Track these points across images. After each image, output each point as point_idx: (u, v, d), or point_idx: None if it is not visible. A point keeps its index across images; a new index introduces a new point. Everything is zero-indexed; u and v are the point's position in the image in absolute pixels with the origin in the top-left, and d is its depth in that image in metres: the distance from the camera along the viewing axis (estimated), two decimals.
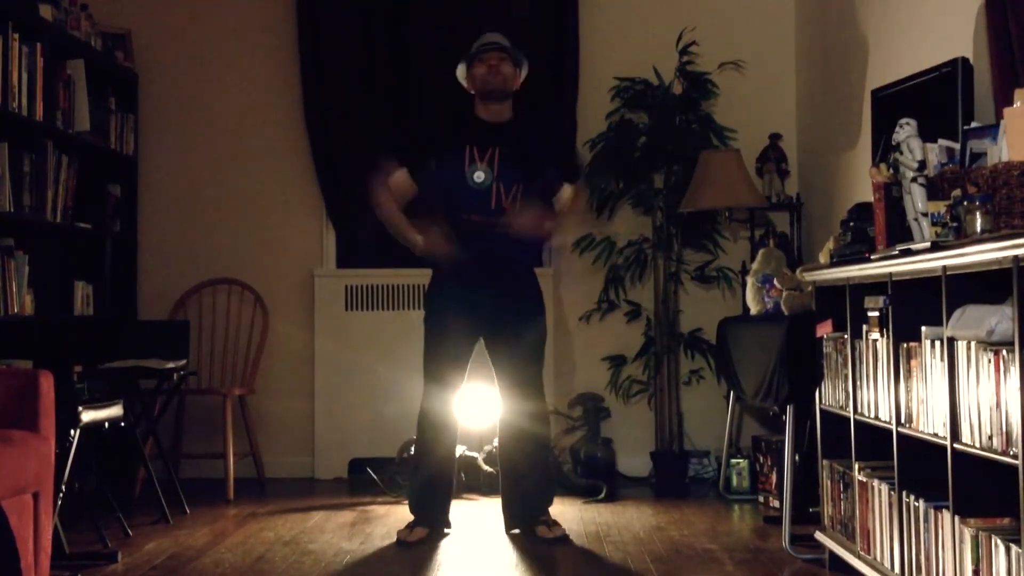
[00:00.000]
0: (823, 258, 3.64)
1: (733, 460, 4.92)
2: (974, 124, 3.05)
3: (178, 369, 4.64)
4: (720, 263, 5.34)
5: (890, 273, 2.91)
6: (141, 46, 5.53)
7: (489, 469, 4.90)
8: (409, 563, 3.69)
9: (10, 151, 4.25)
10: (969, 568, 2.47)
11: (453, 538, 4.04)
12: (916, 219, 2.94)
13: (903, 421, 2.88)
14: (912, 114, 3.09)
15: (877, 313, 3.03)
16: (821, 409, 3.58)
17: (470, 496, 4.84)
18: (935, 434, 2.67)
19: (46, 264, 4.55)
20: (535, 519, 4.05)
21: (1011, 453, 2.26)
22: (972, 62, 3.39)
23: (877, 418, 3.08)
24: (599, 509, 4.60)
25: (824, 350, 3.54)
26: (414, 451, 4.23)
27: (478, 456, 4.94)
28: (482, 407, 4.81)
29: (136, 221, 5.51)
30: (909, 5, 4.07)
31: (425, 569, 3.60)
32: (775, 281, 4.17)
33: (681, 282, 5.34)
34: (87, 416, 3.79)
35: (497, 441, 4.27)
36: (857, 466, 3.24)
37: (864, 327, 3.15)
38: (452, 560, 3.73)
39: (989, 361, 2.37)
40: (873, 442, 3.17)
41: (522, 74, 4.16)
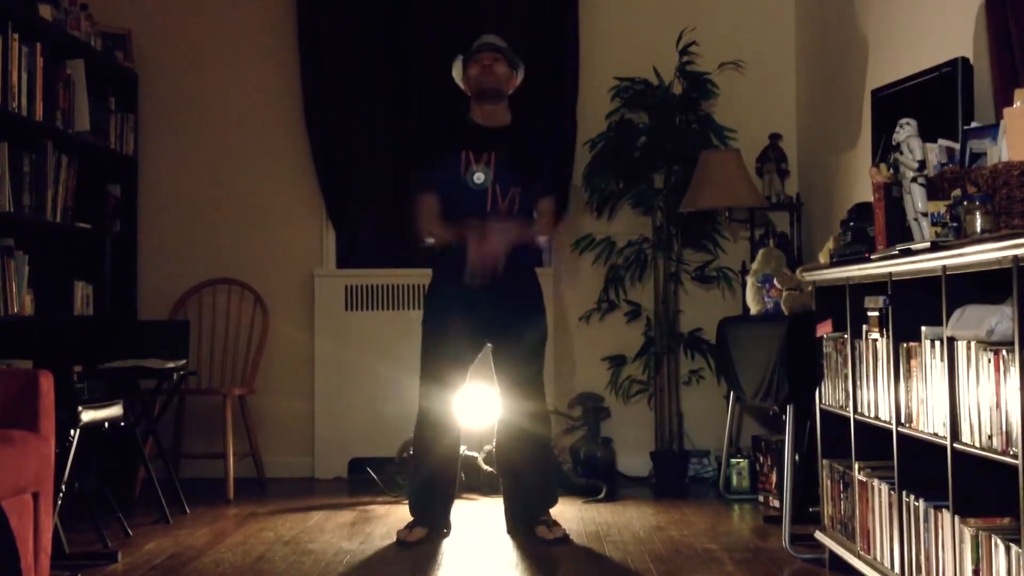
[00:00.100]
0: (823, 258, 3.64)
1: (733, 460, 4.92)
2: (974, 124, 3.05)
3: (178, 369, 4.64)
4: (720, 263, 5.34)
5: (890, 273, 2.91)
6: (141, 46, 5.53)
7: (489, 469, 4.90)
8: (409, 563, 3.69)
9: (10, 151, 4.25)
10: (969, 568, 2.47)
11: (453, 538, 4.04)
12: (916, 219, 2.94)
13: (903, 421, 2.88)
14: (912, 114, 3.09)
15: (877, 313, 3.03)
16: (821, 409, 3.58)
17: (470, 496, 4.84)
18: (935, 434, 2.67)
19: (46, 264, 4.56)
20: (535, 519, 4.05)
21: (1011, 453, 2.26)
22: (972, 62, 3.39)
23: (877, 418, 3.08)
24: (599, 509, 4.60)
25: (824, 350, 3.54)
26: (413, 451, 4.23)
27: (478, 456, 4.94)
28: (482, 407, 4.81)
29: (136, 221, 5.51)
30: (909, 5, 4.07)
31: (425, 569, 3.60)
32: (775, 281, 4.17)
33: (681, 282, 5.34)
34: (87, 416, 3.79)
35: (495, 441, 4.26)
36: (857, 466, 3.24)
37: (864, 327, 3.15)
38: (452, 560, 3.73)
39: (989, 361, 2.37)
40: (873, 442, 3.17)
41: (519, 76, 4.15)
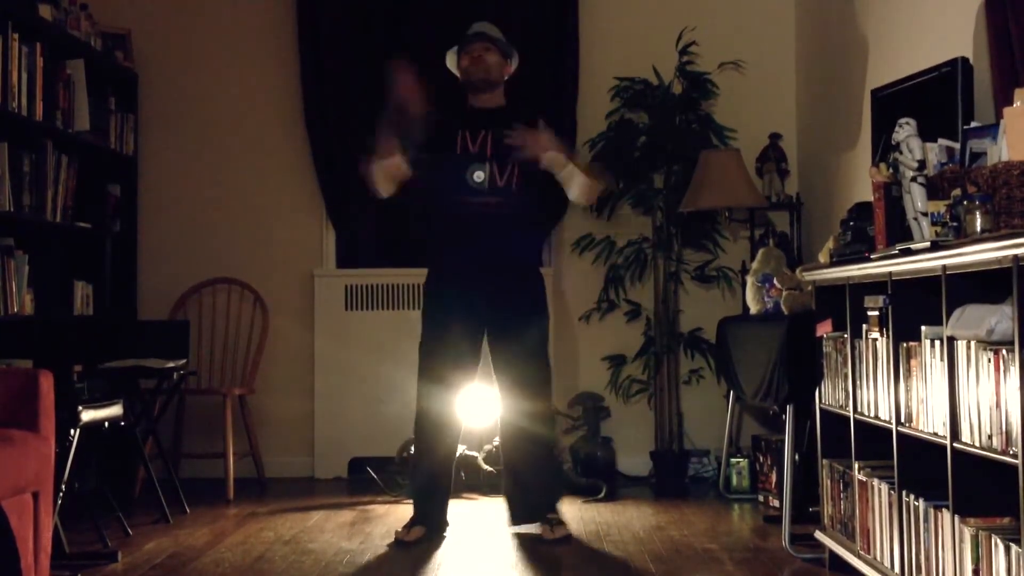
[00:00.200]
0: (823, 258, 3.64)
1: (733, 460, 4.92)
2: (974, 124, 3.05)
3: (178, 369, 4.64)
4: (720, 263, 5.34)
5: (890, 273, 2.91)
6: (141, 46, 5.53)
7: (489, 469, 4.90)
8: (409, 563, 3.68)
9: (10, 151, 4.25)
10: (969, 568, 2.47)
11: (453, 538, 4.04)
12: (916, 219, 2.94)
13: (903, 420, 2.88)
14: (912, 114, 3.09)
15: (877, 313, 3.03)
16: (821, 408, 3.58)
17: (470, 496, 4.84)
18: (935, 433, 2.67)
19: (46, 264, 4.56)
20: (535, 519, 4.04)
21: (1011, 452, 2.26)
22: (972, 62, 3.39)
23: (877, 417, 3.08)
24: (599, 508, 4.60)
25: (824, 350, 3.54)
26: (413, 451, 4.23)
27: (478, 456, 4.94)
28: (482, 407, 4.81)
29: (136, 221, 5.51)
30: (909, 5, 4.07)
31: (425, 569, 3.60)
32: (775, 281, 4.17)
33: (681, 282, 5.34)
34: (87, 416, 3.79)
35: (498, 440, 4.26)
36: (857, 465, 3.24)
37: (864, 327, 3.15)
38: (452, 560, 3.73)
39: (989, 361, 2.37)
40: (873, 441, 3.17)
41: (512, 64, 4.15)
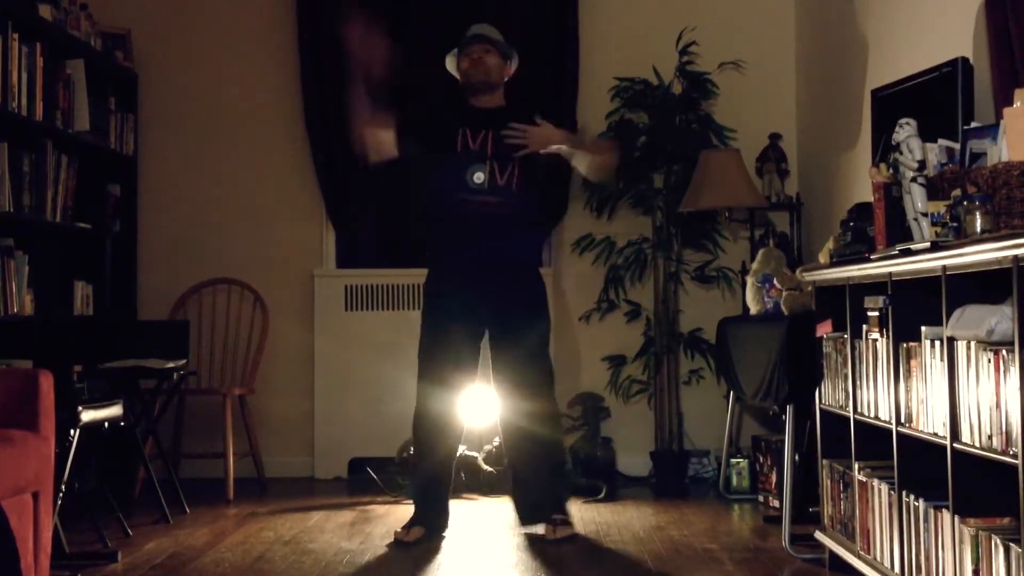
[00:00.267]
0: (823, 258, 3.63)
1: (733, 460, 4.92)
2: (974, 124, 3.05)
3: (178, 369, 4.64)
4: (720, 263, 5.34)
5: (890, 273, 2.91)
6: (141, 46, 5.53)
7: (489, 469, 4.90)
8: (409, 563, 3.68)
9: (10, 151, 4.25)
10: (969, 568, 2.47)
11: (453, 538, 4.04)
12: (916, 219, 2.94)
13: (903, 421, 2.88)
14: (912, 114, 3.09)
15: (877, 313, 3.03)
16: (821, 409, 3.58)
17: (470, 496, 4.83)
18: (935, 434, 2.67)
19: (46, 264, 4.55)
20: (539, 519, 4.04)
21: (1011, 453, 2.26)
22: (972, 62, 3.39)
23: (877, 418, 3.08)
24: (599, 509, 4.60)
25: (824, 350, 3.54)
26: (413, 452, 4.22)
27: (478, 456, 4.94)
28: (482, 407, 4.81)
29: (136, 221, 5.51)
30: (909, 5, 4.07)
31: (425, 569, 3.60)
32: (775, 281, 4.17)
33: (681, 282, 5.34)
34: (87, 416, 3.79)
35: (498, 441, 4.25)
36: (857, 466, 3.24)
37: (864, 327, 3.15)
38: (452, 560, 3.73)
39: (989, 361, 2.37)
40: (873, 442, 3.17)
41: (512, 66, 4.15)
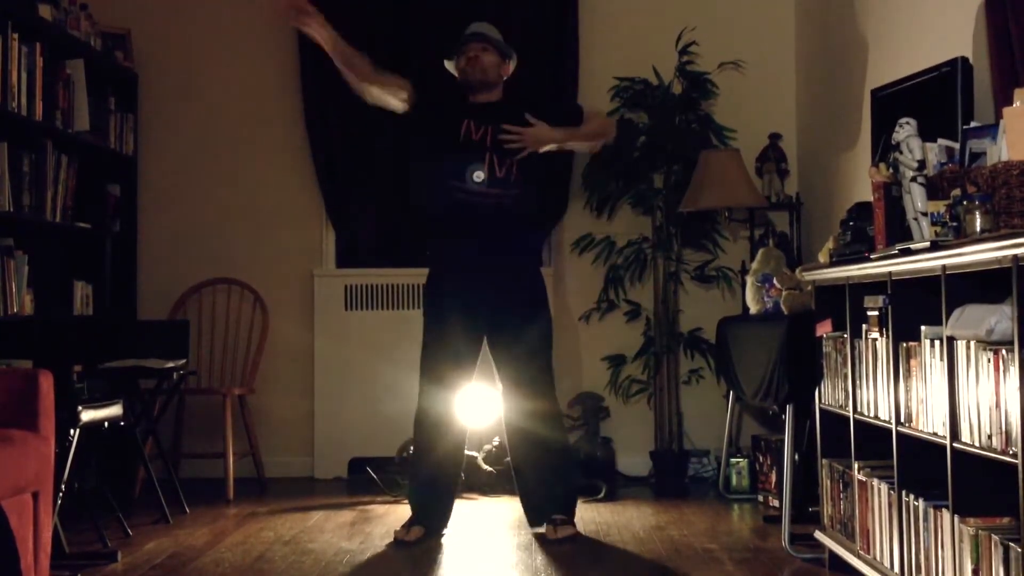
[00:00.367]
0: (823, 258, 3.63)
1: (733, 460, 4.92)
2: (974, 124, 3.05)
3: (178, 369, 4.64)
4: (720, 263, 5.34)
5: (890, 272, 2.91)
6: (141, 46, 5.53)
7: (489, 469, 4.90)
8: (409, 563, 3.69)
9: (10, 151, 4.25)
10: (969, 567, 2.47)
11: (453, 538, 4.04)
12: (916, 219, 2.94)
13: (903, 420, 2.88)
14: (912, 114, 3.09)
15: (877, 312, 3.03)
16: (821, 408, 3.58)
17: (470, 496, 4.83)
18: (935, 433, 2.67)
19: (46, 264, 4.55)
20: (542, 519, 4.04)
21: (1011, 452, 2.26)
22: (972, 62, 3.39)
23: (877, 417, 3.08)
24: (599, 508, 4.60)
25: (824, 349, 3.54)
26: (413, 451, 4.23)
27: (478, 456, 4.94)
28: (482, 407, 4.81)
29: (136, 221, 5.51)
30: (909, 5, 4.07)
31: (425, 569, 3.60)
32: (775, 281, 4.17)
33: (681, 282, 5.34)
34: (87, 416, 3.79)
35: (498, 441, 4.25)
36: (857, 465, 3.24)
37: (864, 326, 3.15)
38: (452, 560, 3.73)
39: (988, 360, 2.37)
40: (873, 441, 3.17)
41: (510, 65, 4.15)
